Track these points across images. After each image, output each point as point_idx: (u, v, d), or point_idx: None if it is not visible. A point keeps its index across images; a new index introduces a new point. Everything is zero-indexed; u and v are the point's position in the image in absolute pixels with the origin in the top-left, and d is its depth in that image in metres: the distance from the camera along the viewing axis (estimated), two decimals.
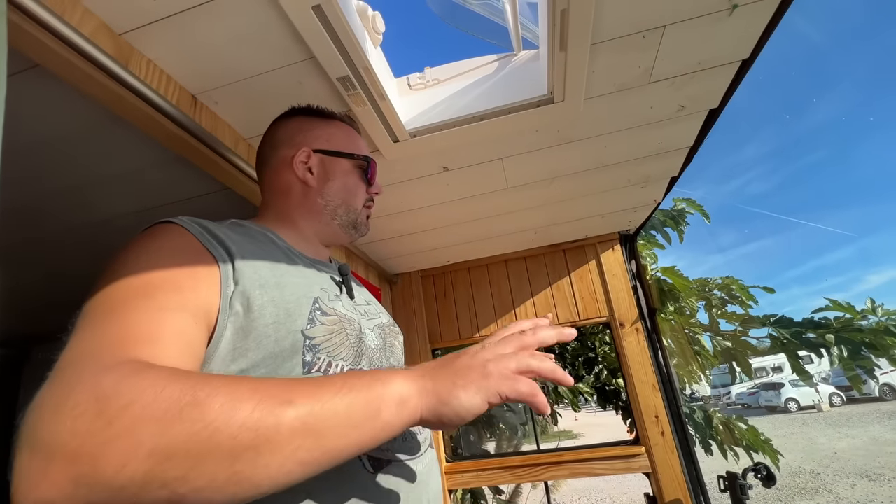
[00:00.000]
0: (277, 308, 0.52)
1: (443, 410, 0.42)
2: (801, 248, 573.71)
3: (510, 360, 0.44)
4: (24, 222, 1.26)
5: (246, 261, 0.54)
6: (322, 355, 0.54)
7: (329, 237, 0.76)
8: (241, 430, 0.33)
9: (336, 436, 0.37)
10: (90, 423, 0.31)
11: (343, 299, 0.66)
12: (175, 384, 0.34)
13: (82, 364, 0.37)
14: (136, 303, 0.43)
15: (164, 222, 0.55)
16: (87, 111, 0.89)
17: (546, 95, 0.97)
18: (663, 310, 1.91)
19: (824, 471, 7.99)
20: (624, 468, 1.47)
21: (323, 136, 0.75)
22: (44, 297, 1.80)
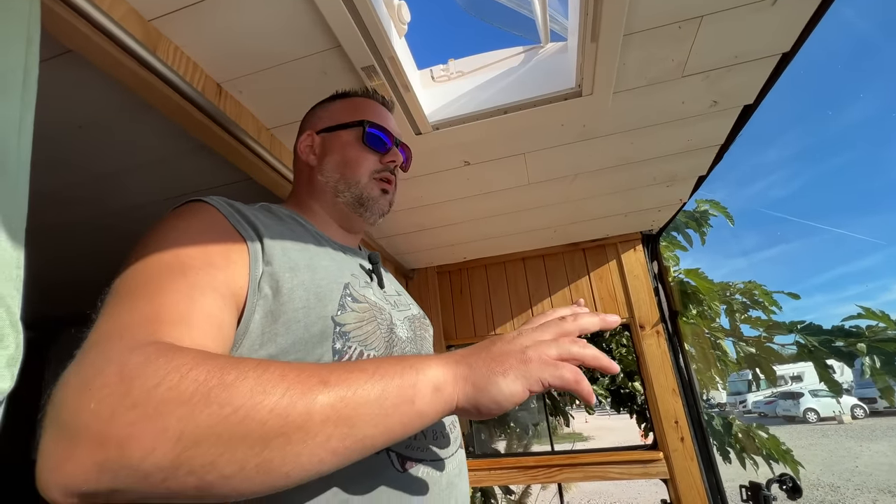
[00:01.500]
0: (308, 292, 0.51)
1: (480, 398, 0.39)
2: (825, 255, 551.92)
3: (550, 347, 0.41)
4: (55, 207, 1.29)
5: (276, 242, 0.53)
6: (353, 343, 0.53)
7: (343, 219, 0.72)
8: (270, 415, 0.32)
9: (369, 424, 0.35)
10: (116, 404, 0.30)
11: (373, 287, 0.64)
12: (202, 366, 0.32)
13: (110, 343, 0.36)
14: (168, 280, 0.42)
15: (195, 201, 0.54)
16: (117, 98, 0.90)
17: (573, 88, 0.94)
18: (685, 313, 1.86)
19: (844, 484, 7.74)
20: (641, 473, 1.44)
21: (326, 116, 0.73)
22: (72, 280, 1.85)
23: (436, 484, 0.53)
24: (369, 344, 0.55)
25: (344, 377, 0.36)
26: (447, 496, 0.54)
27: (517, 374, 0.40)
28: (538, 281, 1.79)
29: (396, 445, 0.49)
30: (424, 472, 0.52)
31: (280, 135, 1.03)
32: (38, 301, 2.05)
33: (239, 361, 0.35)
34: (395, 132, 0.74)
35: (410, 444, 0.52)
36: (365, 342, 0.54)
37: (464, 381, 0.40)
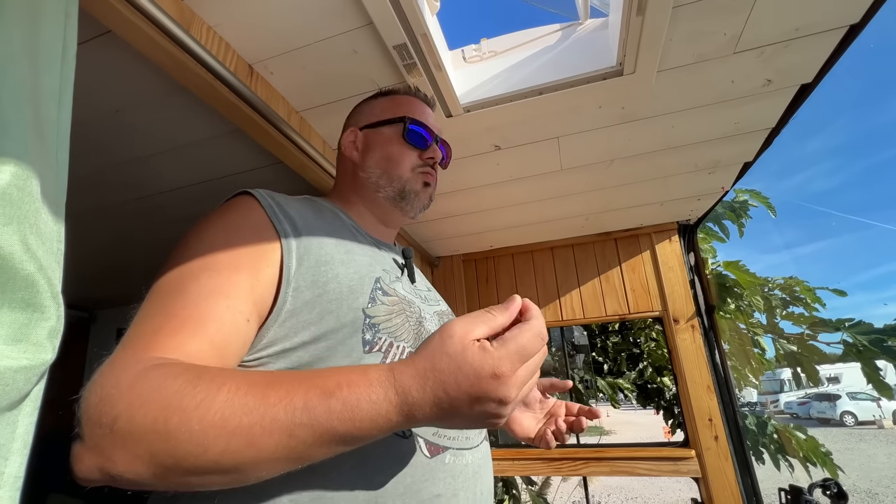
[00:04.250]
0: (340, 285, 0.53)
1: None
2: (870, 252, 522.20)
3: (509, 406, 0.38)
4: (91, 191, 1.34)
5: (312, 237, 0.55)
6: (383, 335, 0.54)
7: (382, 214, 0.74)
8: (221, 456, 0.35)
9: (318, 456, 0.38)
10: (94, 426, 0.36)
11: (404, 282, 0.65)
12: (157, 401, 0.36)
13: (120, 352, 0.42)
14: (189, 286, 0.46)
15: (242, 193, 0.58)
16: (152, 81, 0.91)
17: (614, 67, 0.89)
18: (722, 307, 1.78)
19: (883, 491, 7.40)
20: (671, 471, 1.40)
21: (369, 112, 0.76)
22: (110, 263, 1.92)
23: (462, 471, 0.54)
24: (399, 336, 0.56)
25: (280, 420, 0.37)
26: (472, 484, 0.55)
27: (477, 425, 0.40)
28: (567, 271, 1.74)
29: (424, 432, 0.52)
30: (451, 460, 0.53)
31: (310, 118, 1.03)
32: (78, 283, 2.15)
33: (185, 399, 0.36)
34: (436, 129, 0.76)
35: (438, 432, 0.53)
36: (394, 334, 0.56)
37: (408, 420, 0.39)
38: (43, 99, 0.40)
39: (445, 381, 0.37)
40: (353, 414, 0.36)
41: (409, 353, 0.56)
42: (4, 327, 0.29)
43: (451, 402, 0.37)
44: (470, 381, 0.36)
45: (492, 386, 0.36)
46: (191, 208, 1.48)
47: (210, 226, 0.53)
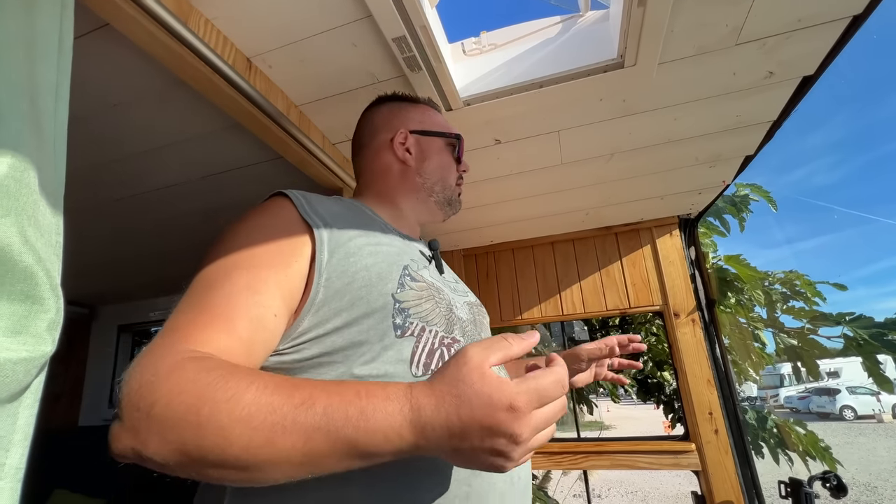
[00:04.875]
0: (370, 272, 0.56)
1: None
2: (871, 247, 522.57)
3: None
4: (89, 187, 1.33)
5: (342, 231, 0.59)
6: (414, 320, 0.56)
7: (425, 214, 0.79)
8: (242, 452, 0.36)
9: (329, 466, 0.38)
10: (132, 410, 0.38)
11: (431, 270, 0.68)
12: (192, 391, 0.38)
13: (158, 341, 0.44)
14: (224, 282, 0.49)
15: (276, 194, 0.62)
16: (151, 75, 0.91)
17: (615, 59, 0.89)
18: (723, 301, 1.78)
19: (882, 485, 7.43)
20: (672, 464, 1.40)
21: (416, 118, 0.80)
22: (110, 259, 1.92)
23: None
24: (430, 321, 0.58)
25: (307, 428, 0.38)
26: (510, 472, 0.54)
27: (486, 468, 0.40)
28: (567, 266, 1.74)
29: None
30: None
31: (309, 112, 1.02)
32: (78, 279, 2.15)
33: (217, 392, 0.38)
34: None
35: None
36: (425, 318, 0.58)
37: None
38: (40, 91, 0.39)
39: (460, 405, 0.37)
40: (367, 424, 0.37)
41: (441, 336, 0.58)
42: (4, 319, 0.29)
43: (462, 427, 0.37)
44: (484, 410, 0.36)
45: (506, 419, 0.36)
46: (191, 204, 1.48)
47: (244, 225, 0.57)
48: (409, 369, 0.53)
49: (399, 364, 0.53)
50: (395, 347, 0.54)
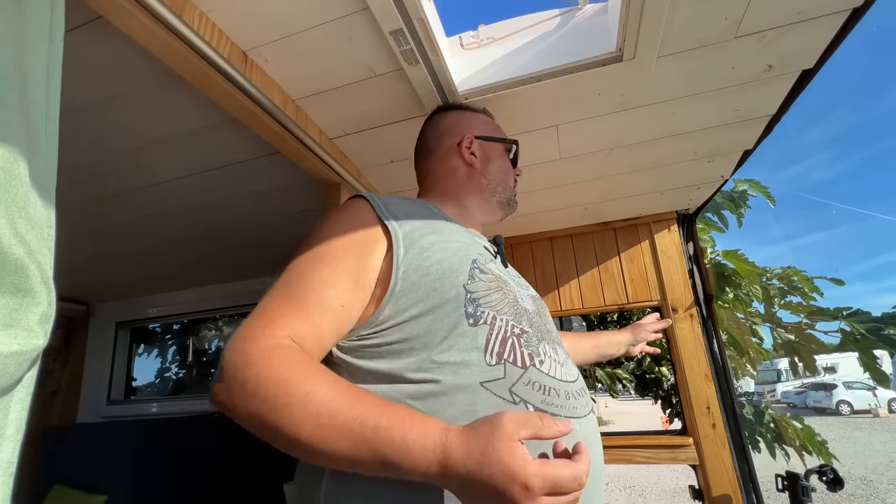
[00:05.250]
0: (442, 266, 0.62)
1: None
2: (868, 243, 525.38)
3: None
4: (84, 183, 1.32)
5: (415, 228, 0.65)
6: (485, 309, 0.61)
7: (487, 213, 0.86)
8: (305, 440, 0.46)
9: (365, 470, 0.46)
10: (231, 380, 0.49)
11: (497, 264, 0.73)
12: (277, 381, 0.47)
13: (249, 323, 0.54)
14: (305, 275, 0.58)
15: (355, 197, 0.70)
16: (145, 69, 0.90)
17: (614, 53, 0.88)
18: (721, 296, 1.78)
19: (878, 478, 7.49)
20: (669, 458, 1.41)
21: (479, 125, 0.89)
22: (107, 255, 1.91)
23: (570, 438, 0.55)
24: (500, 310, 0.63)
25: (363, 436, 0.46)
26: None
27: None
28: (566, 261, 1.74)
29: (532, 399, 0.57)
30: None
31: (306, 106, 1.01)
32: (75, 276, 2.14)
33: (296, 388, 0.47)
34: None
35: (545, 401, 0.58)
36: (495, 308, 0.62)
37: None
38: (30, 82, 0.39)
39: (483, 465, 0.42)
40: (405, 451, 0.44)
41: (512, 325, 0.62)
42: None
43: (479, 483, 0.41)
44: (502, 479, 0.41)
45: (518, 493, 0.40)
46: (189, 200, 1.47)
47: (327, 223, 0.65)
48: (483, 357, 0.58)
49: (474, 352, 0.58)
50: (469, 335, 0.59)
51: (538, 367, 0.60)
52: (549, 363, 0.62)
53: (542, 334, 0.67)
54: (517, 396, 0.56)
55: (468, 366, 0.57)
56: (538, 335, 0.65)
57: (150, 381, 3.01)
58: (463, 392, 0.55)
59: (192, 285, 2.46)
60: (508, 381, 0.57)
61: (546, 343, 0.66)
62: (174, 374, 3.02)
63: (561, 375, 0.63)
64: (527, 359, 0.60)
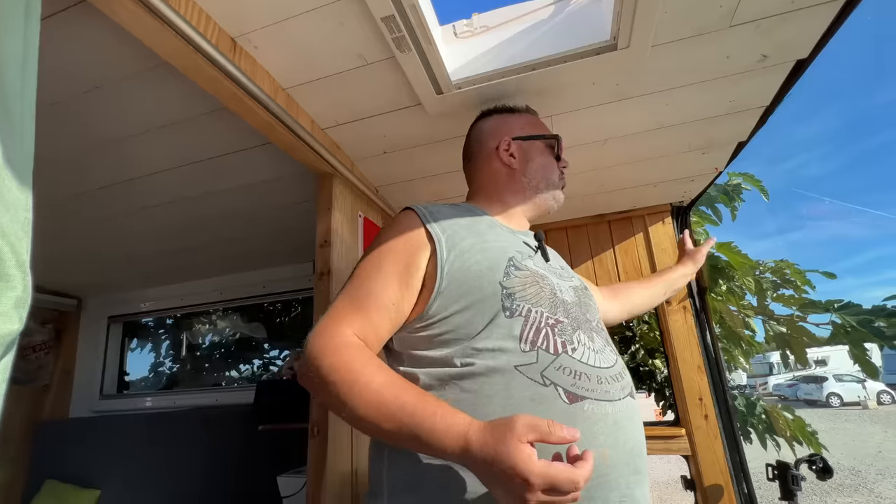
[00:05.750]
0: (481, 266, 0.69)
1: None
2: (860, 237, 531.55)
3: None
4: (73, 172, 1.30)
5: (457, 232, 0.74)
6: (520, 303, 0.67)
7: (532, 210, 0.89)
8: (356, 420, 0.59)
9: (403, 446, 0.59)
10: (311, 366, 0.62)
11: (536, 259, 0.78)
12: (339, 373, 0.60)
13: (325, 320, 0.67)
14: (365, 278, 0.71)
15: (406, 209, 0.79)
16: (132, 54, 0.88)
17: (608, 42, 0.87)
18: (714, 289, 1.79)
19: (866, 469, 7.62)
20: (662, 449, 1.42)
21: (517, 126, 0.92)
22: (97, 248, 1.89)
23: (601, 419, 0.62)
24: (536, 302, 0.69)
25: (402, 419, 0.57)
26: (613, 432, 0.62)
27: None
28: (560, 253, 1.71)
29: (563, 381, 0.62)
30: (590, 407, 0.62)
31: (296, 95, 1.00)
32: (65, 269, 2.11)
33: (359, 376, 0.59)
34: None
35: (576, 384, 0.63)
36: (531, 301, 0.68)
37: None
38: (5, 63, 0.37)
39: (494, 458, 0.49)
40: (435, 437, 0.53)
41: (546, 316, 0.68)
42: None
43: (486, 469, 0.50)
44: (507, 472, 0.48)
45: (518, 486, 0.48)
46: (180, 191, 1.45)
47: (382, 234, 0.76)
48: (518, 345, 0.65)
49: (510, 340, 0.65)
50: (505, 326, 0.66)
51: (570, 354, 0.65)
52: (582, 350, 0.67)
53: (579, 323, 0.72)
54: (548, 379, 0.62)
55: (504, 352, 0.64)
56: (574, 324, 0.70)
57: (144, 375, 2.99)
58: (499, 374, 0.63)
59: (185, 279, 2.44)
60: (540, 365, 0.63)
61: (582, 332, 0.70)
62: (168, 368, 3.01)
63: (594, 362, 0.67)
64: (559, 346, 0.66)
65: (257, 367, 2.98)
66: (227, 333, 2.94)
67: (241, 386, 2.55)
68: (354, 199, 1.30)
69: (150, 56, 0.80)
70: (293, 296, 2.34)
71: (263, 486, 1.57)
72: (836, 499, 6.27)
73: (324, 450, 0.99)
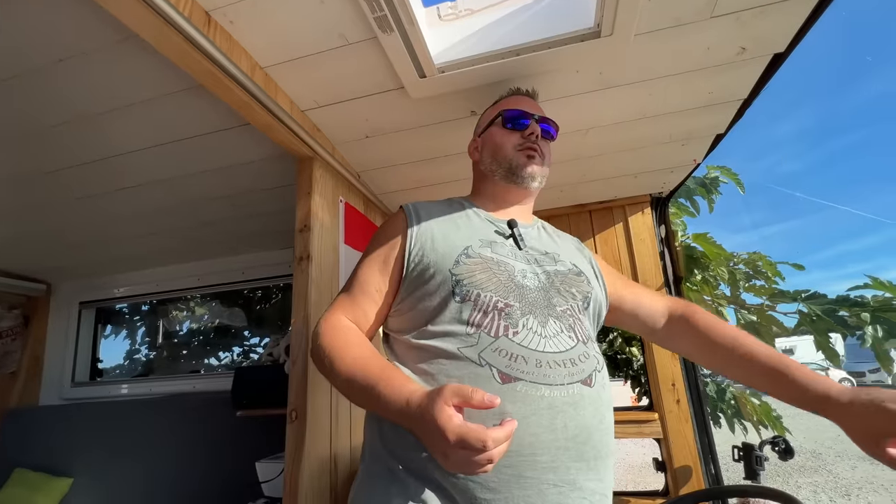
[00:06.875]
0: (438, 256, 0.77)
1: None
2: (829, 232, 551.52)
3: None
4: (40, 150, 1.24)
5: (428, 228, 0.82)
6: (469, 288, 0.72)
7: (503, 192, 0.91)
8: (339, 386, 0.72)
9: (372, 410, 0.71)
10: (317, 344, 0.75)
11: (500, 247, 0.80)
12: (328, 348, 0.73)
13: (329, 309, 0.81)
14: (358, 268, 0.84)
15: (401, 207, 0.88)
16: (99, 25, 0.84)
17: (592, 28, 0.87)
18: (689, 278, 1.84)
19: (826, 451, 8.04)
20: (635, 433, 1.46)
21: (483, 121, 0.97)
22: (66, 230, 1.81)
23: (535, 401, 0.64)
24: (485, 288, 0.72)
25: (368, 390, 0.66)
26: (548, 415, 0.63)
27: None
28: None
29: (498, 363, 0.66)
30: (523, 388, 0.64)
31: (275, 74, 0.97)
32: (32, 252, 2.03)
33: (339, 353, 0.72)
34: (536, 111, 0.91)
35: (510, 365, 0.66)
36: (480, 286, 0.73)
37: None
38: None
39: (424, 417, 0.57)
40: (387, 402, 0.62)
41: (495, 300, 0.71)
42: None
43: (419, 426, 0.58)
44: (432, 428, 0.55)
45: (439, 439, 0.54)
46: (156, 172, 1.40)
47: (377, 231, 0.88)
48: (464, 328, 0.70)
49: (456, 323, 0.71)
50: (454, 310, 0.72)
51: (510, 338, 0.68)
52: (526, 333, 0.69)
53: (534, 308, 0.72)
54: (484, 360, 0.66)
55: (451, 335, 0.70)
56: (526, 308, 0.72)
57: (119, 363, 2.92)
58: (444, 355, 0.69)
59: (161, 264, 2.38)
60: (479, 347, 0.67)
61: (533, 316, 0.71)
62: (144, 355, 2.94)
63: (538, 346, 0.68)
64: (501, 329, 0.68)
65: (237, 354, 2.94)
66: (206, 320, 2.89)
67: (220, 373, 2.52)
68: (335, 184, 1.28)
69: (119, 27, 0.76)
70: (273, 282, 2.31)
71: (242, 472, 1.56)
72: (798, 479, 6.61)
73: (302, 435, 0.99)
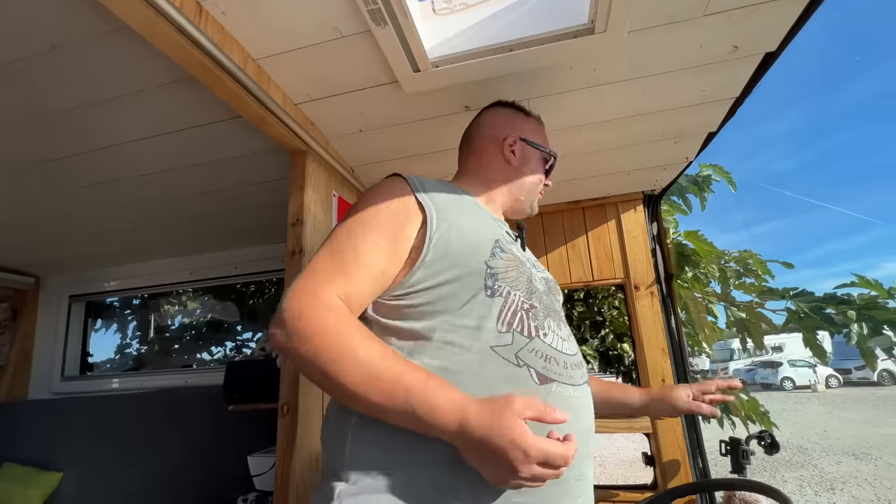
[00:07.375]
0: (468, 242, 0.70)
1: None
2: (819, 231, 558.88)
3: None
4: (30, 140, 1.23)
5: (447, 207, 0.73)
6: (502, 284, 0.69)
7: (508, 206, 0.92)
8: (349, 386, 0.55)
9: (391, 421, 0.57)
10: (293, 330, 0.57)
11: (516, 247, 0.79)
12: (320, 336, 0.57)
13: (305, 279, 0.63)
14: (348, 242, 0.66)
15: (394, 175, 0.77)
16: (91, 13, 0.83)
17: (586, 25, 0.87)
18: (680, 275, 1.86)
19: (812, 447, 8.18)
20: (625, 428, 1.48)
21: (528, 129, 0.94)
22: (55, 223, 1.79)
23: (567, 401, 0.65)
24: (515, 286, 0.70)
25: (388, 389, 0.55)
26: (575, 413, 0.64)
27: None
28: (535, 239, 1.76)
29: (534, 363, 0.65)
30: (557, 389, 0.65)
31: (268, 67, 0.96)
32: (22, 245, 2.01)
33: (345, 342, 0.57)
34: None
35: (546, 367, 0.65)
36: (512, 284, 0.70)
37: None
38: None
39: (492, 432, 0.51)
40: (431, 413, 0.53)
41: (522, 300, 0.69)
42: None
43: (487, 447, 0.51)
44: (507, 445, 0.50)
45: (518, 458, 0.50)
46: (147, 164, 1.38)
47: (369, 197, 0.72)
48: (495, 325, 0.65)
49: (488, 319, 0.65)
50: (485, 304, 0.66)
51: (542, 339, 0.68)
52: (552, 336, 0.70)
53: (549, 311, 0.74)
54: (521, 361, 0.64)
55: (482, 330, 0.65)
56: (545, 311, 0.73)
57: (109, 357, 2.90)
58: (474, 352, 0.63)
59: (153, 258, 2.35)
60: (515, 347, 0.65)
61: (551, 319, 0.73)
62: (135, 350, 2.92)
63: (562, 348, 0.70)
64: (533, 330, 0.68)
65: (230, 349, 2.93)
66: (198, 315, 2.87)
67: (213, 367, 2.51)
68: (329, 178, 1.27)
69: (110, 17, 0.75)
70: (266, 277, 2.30)
71: (234, 466, 1.56)
72: (785, 474, 6.73)
73: (293, 429, 0.99)
